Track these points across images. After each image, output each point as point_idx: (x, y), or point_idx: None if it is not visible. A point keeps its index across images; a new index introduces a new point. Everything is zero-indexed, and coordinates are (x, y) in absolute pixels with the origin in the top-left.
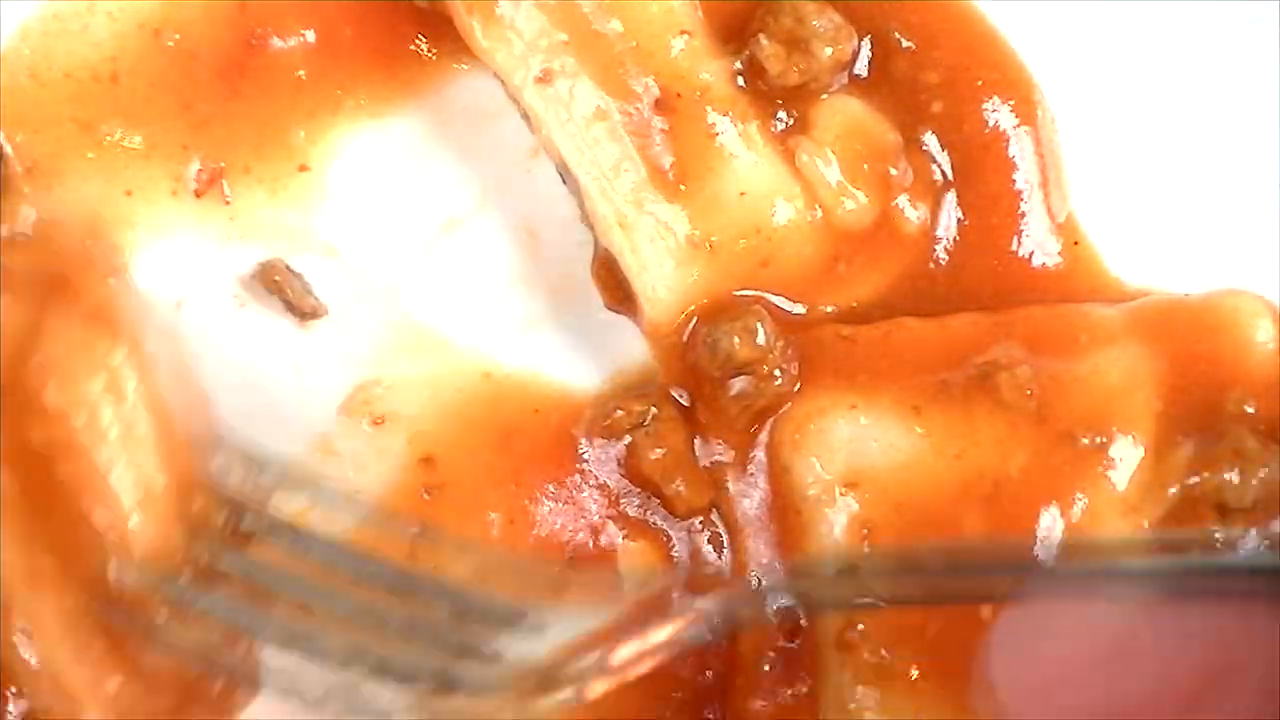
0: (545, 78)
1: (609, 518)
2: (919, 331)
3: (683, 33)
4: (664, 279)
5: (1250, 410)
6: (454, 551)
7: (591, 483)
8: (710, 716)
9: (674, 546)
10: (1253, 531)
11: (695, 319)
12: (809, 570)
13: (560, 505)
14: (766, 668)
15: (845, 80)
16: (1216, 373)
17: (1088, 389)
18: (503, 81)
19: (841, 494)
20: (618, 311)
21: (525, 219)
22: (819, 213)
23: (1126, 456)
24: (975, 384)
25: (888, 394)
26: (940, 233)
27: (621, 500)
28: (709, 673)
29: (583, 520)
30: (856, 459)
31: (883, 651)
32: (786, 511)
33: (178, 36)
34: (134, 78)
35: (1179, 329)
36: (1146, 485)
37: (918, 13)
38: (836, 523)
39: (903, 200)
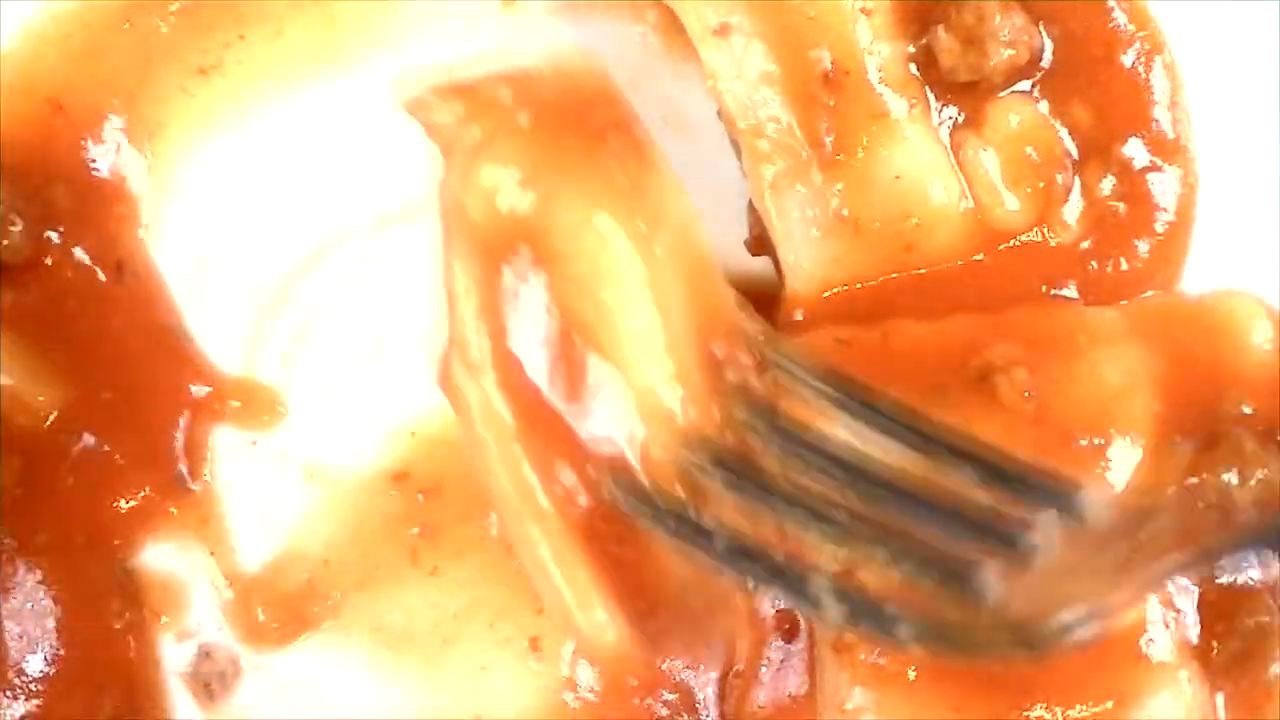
0: (722, 31)
1: None
2: (916, 334)
3: (863, 11)
4: (807, 250)
5: (1248, 411)
6: None
7: None
8: (709, 716)
9: None
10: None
11: None
12: None
13: None
14: (766, 668)
15: (1031, 83)
16: (1215, 374)
17: (1086, 390)
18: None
19: None
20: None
21: None
22: (971, 206)
23: (1125, 458)
24: (972, 386)
25: None
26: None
27: None
28: (709, 676)
29: None
30: None
31: (879, 653)
32: None
33: None
34: None
35: (1177, 330)
36: (1145, 486)
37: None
38: None
39: (1065, 210)
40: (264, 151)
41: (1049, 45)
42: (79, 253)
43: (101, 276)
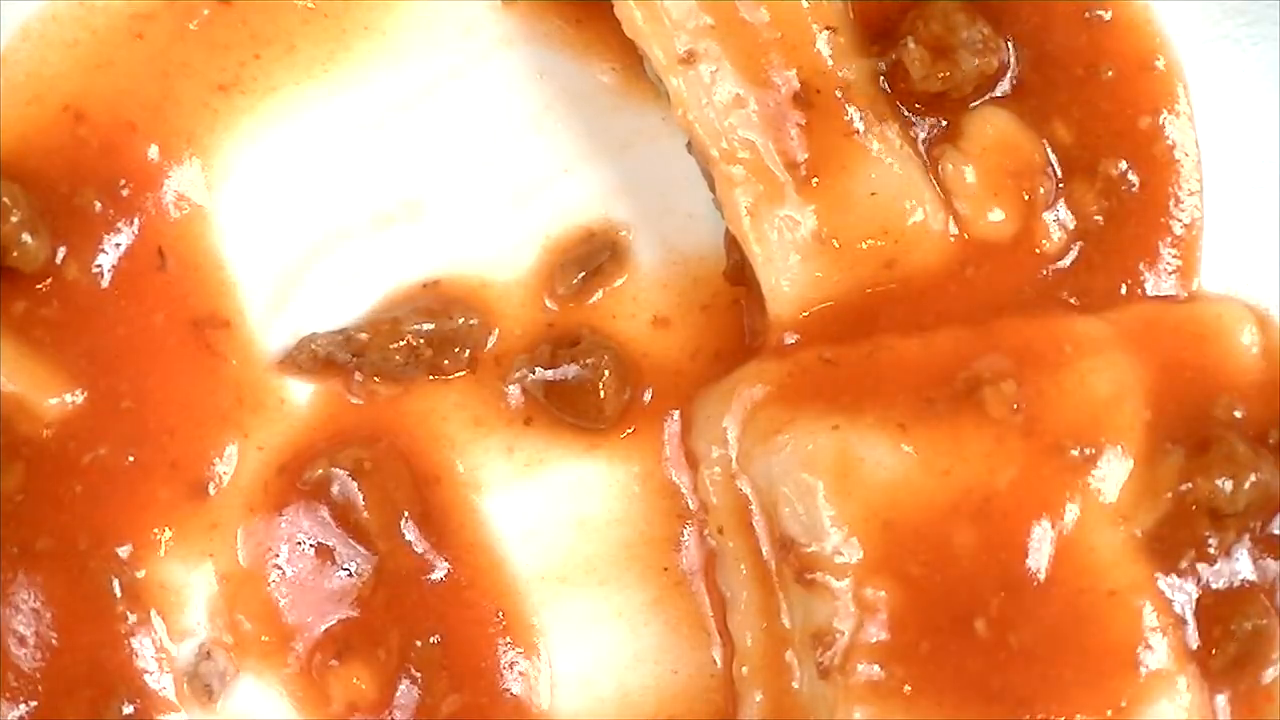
0: (689, 59)
1: None
2: (902, 350)
3: (828, 29)
4: (788, 272)
5: (1238, 415)
6: None
7: None
8: None
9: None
10: (1245, 536)
11: None
12: None
13: None
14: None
15: (1007, 89)
16: (1204, 379)
17: (1075, 400)
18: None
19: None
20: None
21: None
22: (951, 220)
23: (1116, 466)
24: (961, 399)
25: (872, 413)
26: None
27: None
28: None
29: None
30: (844, 479)
31: (876, 669)
32: (774, 534)
33: None
34: None
35: (1164, 337)
36: (1138, 494)
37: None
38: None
39: (1049, 218)
40: (266, 154)
41: (1025, 65)
42: (113, 254)
43: (142, 270)
